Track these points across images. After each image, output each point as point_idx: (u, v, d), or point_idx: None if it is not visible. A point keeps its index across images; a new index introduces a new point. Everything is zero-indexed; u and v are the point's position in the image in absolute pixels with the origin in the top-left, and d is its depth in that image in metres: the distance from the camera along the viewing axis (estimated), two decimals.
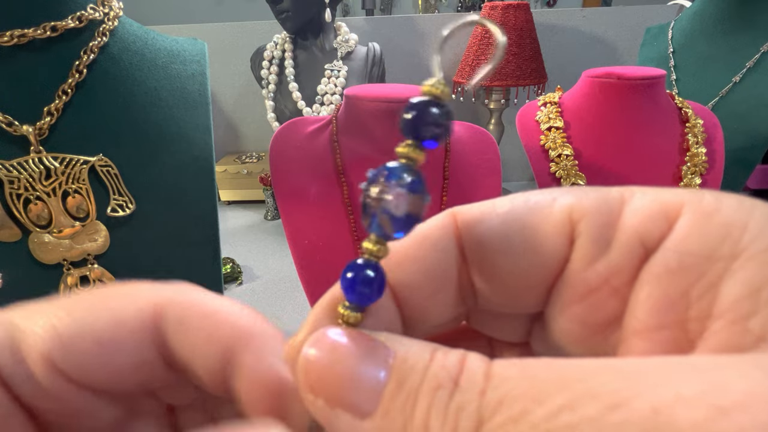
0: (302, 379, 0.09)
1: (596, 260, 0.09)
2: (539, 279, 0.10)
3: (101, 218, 0.36)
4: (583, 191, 0.10)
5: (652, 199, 0.09)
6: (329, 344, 0.09)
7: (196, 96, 0.42)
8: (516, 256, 0.10)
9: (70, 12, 0.35)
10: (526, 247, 0.10)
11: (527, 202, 0.10)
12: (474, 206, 0.11)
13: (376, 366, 0.08)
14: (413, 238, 0.10)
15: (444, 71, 1.14)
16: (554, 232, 0.10)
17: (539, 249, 0.10)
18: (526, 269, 0.10)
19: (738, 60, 0.77)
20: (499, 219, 0.10)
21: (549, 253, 0.10)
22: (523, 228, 0.10)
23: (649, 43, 0.92)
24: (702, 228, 0.08)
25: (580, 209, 0.09)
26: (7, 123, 0.33)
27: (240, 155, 1.12)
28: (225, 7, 2.73)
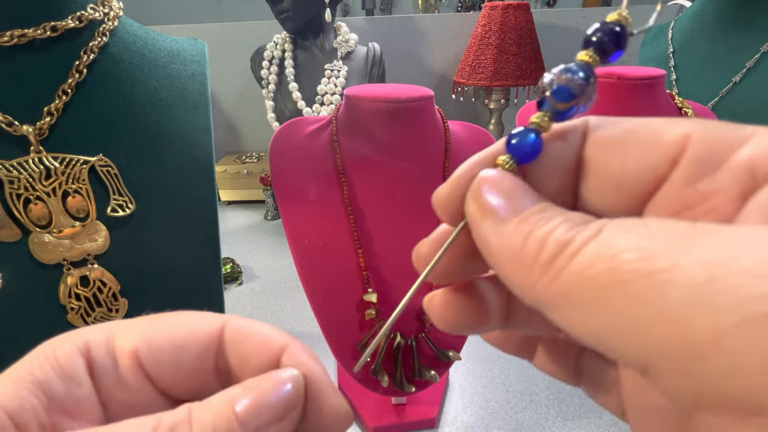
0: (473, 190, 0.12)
1: (699, 180, 0.10)
2: (637, 187, 0.11)
3: (101, 218, 0.36)
4: (715, 125, 0.10)
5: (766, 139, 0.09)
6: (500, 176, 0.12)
7: (196, 96, 0.42)
8: (624, 163, 0.11)
9: (70, 12, 0.35)
10: (635, 156, 0.11)
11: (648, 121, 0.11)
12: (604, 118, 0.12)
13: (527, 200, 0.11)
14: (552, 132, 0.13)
15: (443, 71, 1.14)
16: (664, 148, 0.10)
17: (646, 160, 0.11)
18: (628, 175, 0.11)
19: (738, 60, 0.77)
20: (622, 128, 0.12)
21: (653, 164, 0.11)
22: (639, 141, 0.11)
23: (649, 43, 0.93)
24: None
25: (696, 135, 0.10)
26: (7, 123, 0.33)
27: (240, 155, 1.12)
28: (225, 7, 2.73)
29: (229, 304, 0.70)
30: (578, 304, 0.09)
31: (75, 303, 0.37)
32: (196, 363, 0.13)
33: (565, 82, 0.12)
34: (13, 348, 0.36)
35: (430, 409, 0.49)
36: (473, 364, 0.57)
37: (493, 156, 0.13)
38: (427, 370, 0.42)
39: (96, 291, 0.37)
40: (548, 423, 0.49)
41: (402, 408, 0.49)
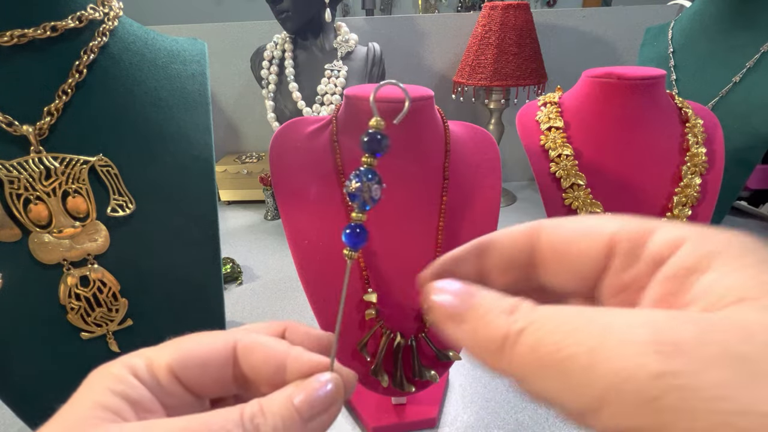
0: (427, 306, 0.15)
1: (627, 268, 0.14)
2: (587, 275, 0.15)
3: (101, 218, 0.36)
4: (627, 220, 0.14)
5: (669, 233, 0.13)
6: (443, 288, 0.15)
7: (196, 96, 0.42)
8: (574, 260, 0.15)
9: (70, 12, 0.35)
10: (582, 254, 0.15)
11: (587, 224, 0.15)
12: (553, 221, 0.16)
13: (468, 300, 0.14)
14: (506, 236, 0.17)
15: (443, 71, 1.14)
16: (601, 246, 0.14)
17: (590, 257, 0.15)
18: (580, 269, 0.15)
19: (738, 60, 0.77)
20: (567, 232, 0.15)
21: (595, 260, 0.15)
22: (582, 241, 0.15)
23: (649, 43, 0.92)
24: (691, 252, 0.12)
25: (620, 234, 0.14)
26: (7, 123, 0.33)
27: (240, 155, 1.12)
28: (225, 7, 2.73)
29: (229, 304, 0.70)
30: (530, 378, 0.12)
31: (75, 303, 0.37)
32: (217, 373, 0.17)
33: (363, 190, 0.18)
34: (14, 348, 0.36)
35: (430, 409, 0.49)
36: (473, 364, 0.57)
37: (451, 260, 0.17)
38: (427, 370, 0.42)
39: (96, 291, 0.37)
40: (548, 423, 0.49)
41: (402, 408, 0.49)
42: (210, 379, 0.17)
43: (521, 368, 0.12)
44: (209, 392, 0.17)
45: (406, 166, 0.43)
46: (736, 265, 0.11)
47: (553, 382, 0.11)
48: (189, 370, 0.16)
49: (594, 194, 0.49)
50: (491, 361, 0.13)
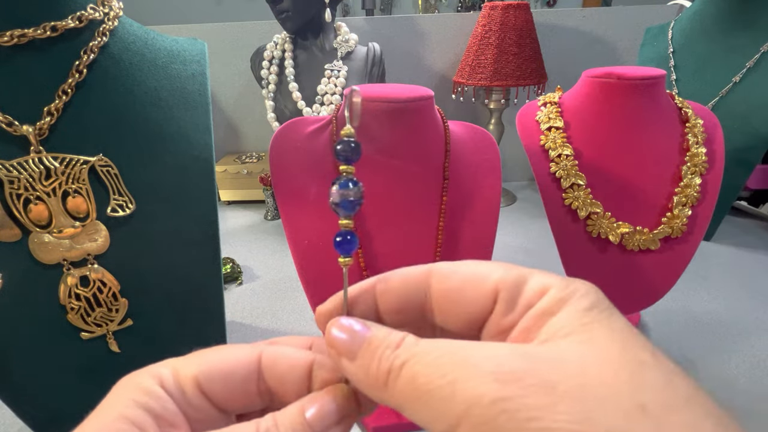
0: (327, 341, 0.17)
1: (507, 315, 0.16)
2: (474, 321, 0.17)
3: (101, 218, 0.36)
4: (507, 269, 0.17)
5: (539, 282, 0.16)
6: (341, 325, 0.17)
7: (196, 96, 0.42)
8: (463, 307, 0.17)
9: (70, 12, 0.35)
10: (470, 302, 0.17)
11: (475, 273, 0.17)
12: (444, 267, 0.18)
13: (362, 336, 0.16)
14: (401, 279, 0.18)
15: (443, 71, 1.14)
16: (486, 295, 0.16)
17: (476, 305, 0.17)
18: (468, 314, 0.17)
19: (738, 60, 0.77)
20: (458, 281, 0.17)
21: (481, 307, 0.17)
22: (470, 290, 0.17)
23: (649, 43, 0.92)
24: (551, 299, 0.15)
25: (502, 284, 0.16)
26: (7, 123, 0.33)
27: (240, 155, 1.12)
28: (225, 7, 2.73)
29: (229, 304, 0.70)
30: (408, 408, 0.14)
31: (75, 303, 0.37)
32: (242, 386, 0.17)
33: (347, 197, 0.18)
34: (14, 348, 0.36)
35: None
36: None
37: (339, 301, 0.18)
38: None
39: (96, 291, 0.37)
40: None
41: None
42: (235, 392, 0.17)
43: (402, 399, 0.14)
44: (234, 406, 0.17)
45: (406, 166, 0.43)
46: (572, 309, 0.14)
47: (424, 410, 0.14)
48: (214, 383, 0.17)
49: (594, 194, 0.49)
50: (378, 394, 0.15)
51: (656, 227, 0.49)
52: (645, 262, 0.50)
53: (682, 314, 0.64)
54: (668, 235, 0.49)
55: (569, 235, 0.50)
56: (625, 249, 0.50)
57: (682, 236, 0.50)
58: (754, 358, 0.55)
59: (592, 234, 0.49)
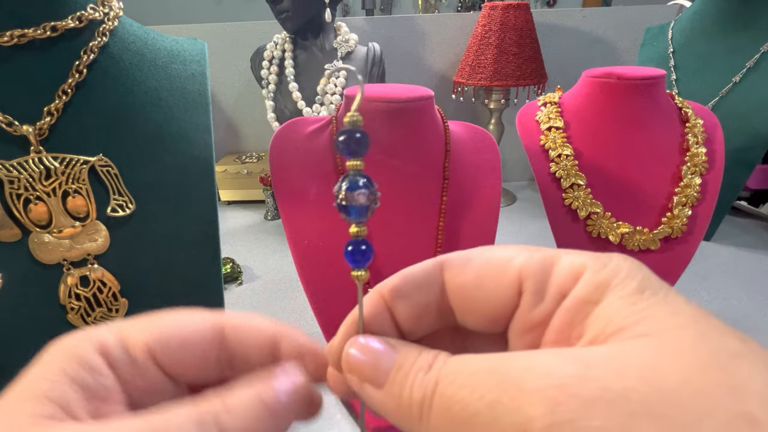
0: (345, 365, 0.15)
1: (536, 307, 0.14)
2: (499, 317, 0.15)
3: (101, 218, 0.36)
4: (530, 253, 0.14)
5: (569, 263, 0.14)
6: (362, 346, 0.15)
7: (196, 96, 0.42)
8: (484, 303, 0.15)
9: (70, 12, 0.35)
10: (491, 296, 0.15)
11: (492, 262, 0.15)
12: (455, 259, 0.15)
13: (389, 359, 0.14)
14: (407, 279, 0.16)
15: (443, 71, 1.14)
16: (509, 287, 0.14)
17: (499, 298, 0.14)
18: (490, 310, 0.15)
19: (738, 60, 0.77)
20: (473, 273, 0.15)
21: (505, 300, 0.14)
22: (490, 283, 0.15)
23: (649, 43, 0.92)
24: (588, 284, 0.13)
25: (526, 271, 0.14)
26: (7, 123, 0.33)
27: (240, 155, 1.12)
28: (225, 7, 2.73)
29: (229, 304, 0.70)
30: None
31: (75, 303, 0.37)
32: (201, 354, 0.15)
33: (356, 200, 0.15)
34: (14, 348, 0.36)
35: None
36: None
37: (355, 319, 0.16)
38: None
39: (96, 291, 0.37)
40: None
41: None
42: (192, 361, 0.15)
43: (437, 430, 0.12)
44: (188, 375, 0.15)
45: (406, 166, 0.43)
46: (618, 295, 0.12)
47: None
48: (169, 350, 0.15)
49: (594, 194, 0.49)
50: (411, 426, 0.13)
51: (656, 227, 0.49)
52: (645, 262, 0.50)
53: None
54: (668, 235, 0.49)
55: (569, 235, 0.50)
56: (625, 249, 0.50)
57: (682, 236, 0.50)
58: None
59: (592, 234, 0.49)
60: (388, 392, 0.13)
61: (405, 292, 0.16)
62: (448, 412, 0.12)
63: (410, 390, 0.13)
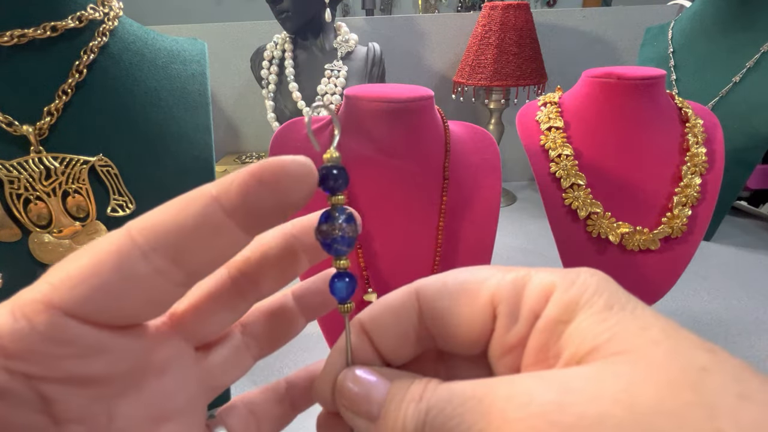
0: (339, 399, 0.15)
1: (510, 329, 0.14)
2: (476, 340, 0.15)
3: (101, 218, 0.36)
4: (502, 274, 0.14)
5: (539, 283, 0.14)
6: (355, 378, 0.15)
7: (196, 96, 0.42)
8: (461, 328, 0.15)
9: (70, 12, 0.35)
10: (467, 322, 0.15)
11: (464, 285, 0.15)
12: (430, 284, 0.15)
13: (382, 390, 0.14)
14: (384, 307, 0.16)
15: (443, 71, 1.14)
16: (483, 311, 0.14)
17: (474, 322, 0.15)
18: (468, 335, 0.15)
19: (738, 60, 0.77)
20: (448, 300, 0.15)
21: (480, 325, 0.14)
22: (464, 308, 0.15)
23: (649, 43, 0.92)
24: (558, 303, 0.13)
25: (498, 294, 0.14)
26: (7, 123, 0.33)
27: (240, 155, 1.12)
28: (225, 7, 2.73)
29: None
30: None
31: None
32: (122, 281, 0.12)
33: (339, 234, 0.15)
34: None
35: None
36: None
37: (342, 350, 0.16)
38: None
39: None
40: None
41: None
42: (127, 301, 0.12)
43: None
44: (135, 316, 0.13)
45: (406, 166, 0.43)
46: (588, 313, 0.12)
47: None
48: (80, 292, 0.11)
49: (594, 194, 0.49)
50: None
51: (656, 227, 0.49)
52: (645, 262, 0.50)
53: (682, 314, 0.64)
54: (668, 235, 0.49)
55: (569, 235, 0.50)
56: (625, 249, 0.50)
57: (682, 236, 0.50)
58: (754, 358, 0.55)
59: (592, 234, 0.49)
60: (382, 425, 0.14)
61: (383, 320, 0.16)
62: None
63: (403, 422, 0.13)
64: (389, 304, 0.16)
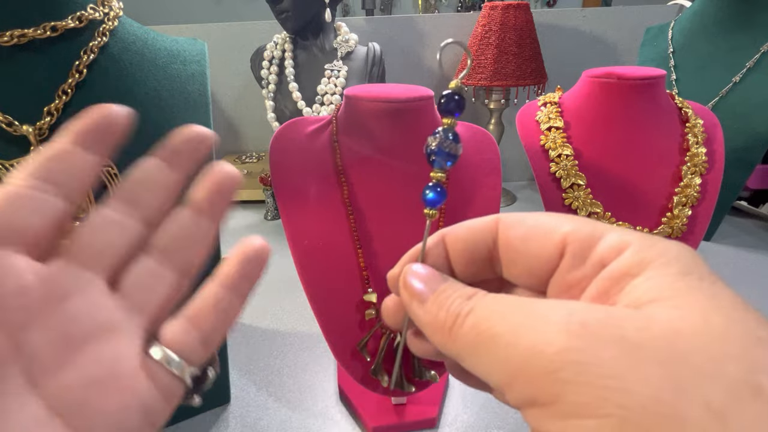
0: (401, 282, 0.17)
1: (573, 270, 0.15)
2: (540, 273, 0.16)
3: None
4: (582, 223, 0.15)
5: (617, 237, 0.14)
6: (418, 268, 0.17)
7: (196, 96, 0.42)
8: (529, 257, 0.16)
9: (70, 12, 0.35)
10: (535, 253, 0.16)
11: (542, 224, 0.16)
12: (511, 217, 0.17)
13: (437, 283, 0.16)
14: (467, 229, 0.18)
15: (444, 71, 1.13)
16: (553, 246, 0.15)
17: (541, 255, 0.15)
18: (533, 266, 0.16)
19: (738, 60, 0.77)
20: (523, 230, 0.16)
21: (547, 259, 0.15)
22: (536, 240, 0.16)
23: (649, 43, 0.92)
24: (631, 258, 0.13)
25: (572, 236, 0.15)
26: (7, 123, 0.33)
27: (240, 155, 1.12)
28: (225, 7, 2.73)
29: None
30: (469, 355, 0.13)
31: None
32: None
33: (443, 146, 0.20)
34: None
35: (430, 409, 0.49)
36: None
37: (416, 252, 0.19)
38: (427, 370, 0.42)
39: None
40: None
41: (402, 408, 0.49)
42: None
43: (463, 345, 0.14)
44: None
45: (406, 166, 0.43)
46: (660, 273, 0.12)
47: (485, 358, 0.13)
48: None
49: (594, 194, 0.49)
50: (441, 338, 0.14)
51: (656, 227, 0.49)
52: None
53: None
54: (668, 235, 0.49)
55: None
56: None
57: (682, 236, 0.50)
58: None
59: None
60: (427, 308, 0.15)
61: (463, 236, 0.18)
62: (475, 329, 0.13)
63: (447, 309, 0.15)
64: (472, 223, 0.18)
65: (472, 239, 0.17)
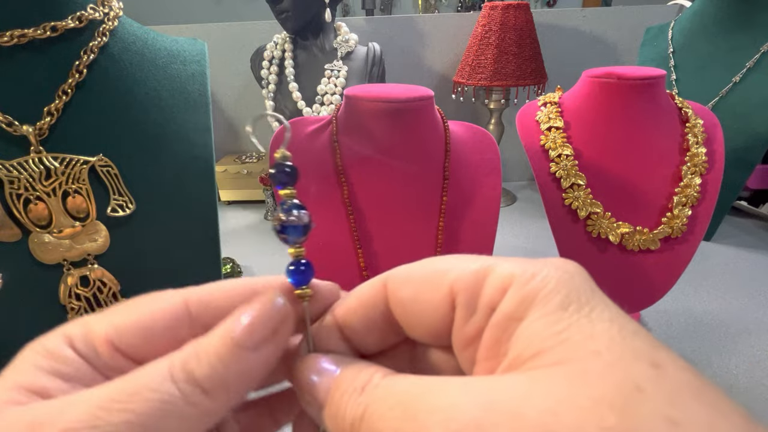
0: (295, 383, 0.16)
1: (467, 321, 0.14)
2: (439, 331, 0.15)
3: (101, 218, 0.36)
4: (466, 264, 0.14)
5: (500, 274, 0.13)
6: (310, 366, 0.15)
7: (196, 96, 0.42)
8: (422, 317, 0.15)
9: (70, 12, 0.35)
10: (428, 312, 0.15)
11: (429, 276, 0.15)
12: (398, 274, 0.16)
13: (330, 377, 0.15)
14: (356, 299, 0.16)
15: (443, 71, 1.14)
16: (443, 301, 0.14)
17: (435, 312, 0.14)
18: (430, 325, 0.15)
19: (738, 60, 0.77)
20: (411, 288, 0.15)
21: (441, 315, 0.14)
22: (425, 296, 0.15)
23: (649, 43, 0.92)
24: (513, 298, 0.12)
25: (458, 284, 0.14)
26: (7, 123, 0.33)
27: (240, 155, 1.12)
28: (225, 7, 2.73)
29: None
30: None
31: (75, 303, 0.37)
32: (167, 336, 0.15)
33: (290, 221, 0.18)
34: (14, 348, 0.36)
35: None
36: None
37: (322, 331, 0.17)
38: None
39: (96, 291, 0.37)
40: None
41: None
42: (158, 344, 0.15)
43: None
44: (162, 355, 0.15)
45: (406, 166, 0.43)
46: (541, 312, 0.12)
47: None
48: (131, 339, 0.14)
49: (594, 194, 0.49)
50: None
51: (656, 227, 0.49)
52: (645, 262, 0.50)
53: (682, 314, 0.64)
54: (668, 235, 0.49)
55: (569, 235, 0.50)
56: (625, 249, 0.50)
57: (682, 236, 0.50)
58: (754, 358, 0.55)
59: (592, 234, 0.49)
60: (327, 413, 0.14)
61: (354, 308, 0.16)
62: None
63: (344, 412, 0.13)
64: (359, 293, 0.16)
65: (363, 311, 0.16)
